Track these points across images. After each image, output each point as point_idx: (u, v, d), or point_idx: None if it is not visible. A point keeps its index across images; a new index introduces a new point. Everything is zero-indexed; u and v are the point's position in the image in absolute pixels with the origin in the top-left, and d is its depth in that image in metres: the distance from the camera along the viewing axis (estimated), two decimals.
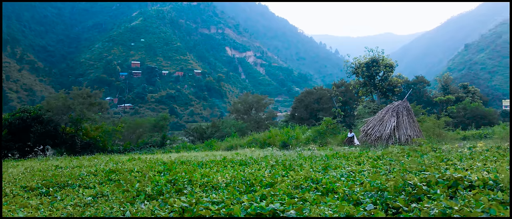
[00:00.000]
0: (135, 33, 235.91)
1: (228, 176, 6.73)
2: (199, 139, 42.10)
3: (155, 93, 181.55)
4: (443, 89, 64.07)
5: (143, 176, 8.32)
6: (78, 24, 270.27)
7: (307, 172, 6.34)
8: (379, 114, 17.70)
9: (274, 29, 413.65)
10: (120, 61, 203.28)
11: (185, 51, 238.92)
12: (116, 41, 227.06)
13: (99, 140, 33.86)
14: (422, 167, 6.18)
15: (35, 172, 10.57)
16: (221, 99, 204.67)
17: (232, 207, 3.78)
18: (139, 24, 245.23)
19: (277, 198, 4.60)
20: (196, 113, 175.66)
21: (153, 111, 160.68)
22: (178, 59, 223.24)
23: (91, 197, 5.75)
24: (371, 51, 35.88)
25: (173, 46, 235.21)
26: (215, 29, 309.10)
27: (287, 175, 7.06)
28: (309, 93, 53.62)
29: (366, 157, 10.77)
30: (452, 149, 12.82)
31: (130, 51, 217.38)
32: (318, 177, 5.96)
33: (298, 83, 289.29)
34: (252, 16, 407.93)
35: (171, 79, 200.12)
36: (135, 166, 10.82)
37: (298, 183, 5.61)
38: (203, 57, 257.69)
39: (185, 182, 6.39)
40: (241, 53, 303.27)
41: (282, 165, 8.74)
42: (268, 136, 26.36)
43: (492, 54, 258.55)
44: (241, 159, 11.37)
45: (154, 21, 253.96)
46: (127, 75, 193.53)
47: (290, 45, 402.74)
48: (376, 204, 4.07)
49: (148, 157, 16.59)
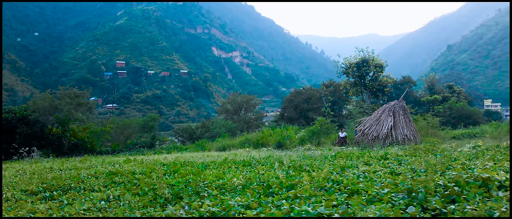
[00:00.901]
0: (120, 32, 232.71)
1: (242, 177, 6.54)
2: (188, 139, 41.71)
3: (140, 94, 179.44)
4: (429, 90, 65.02)
5: (149, 178, 8.06)
6: (60, 23, 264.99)
7: (327, 173, 6.20)
8: (376, 113, 17.75)
9: (261, 29, 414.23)
10: (105, 61, 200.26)
11: (171, 51, 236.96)
12: (100, 40, 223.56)
13: (87, 141, 33.17)
14: (448, 167, 6.12)
15: (31, 175, 10.18)
16: (208, 99, 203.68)
17: (273, 211, 3.62)
18: (124, 24, 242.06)
19: (303, 200, 4.45)
20: (182, 113, 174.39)
21: (139, 111, 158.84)
22: (164, 59, 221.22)
23: (103, 201, 5.49)
24: (361, 51, 36.13)
25: (159, 46, 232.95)
26: (201, 29, 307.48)
27: (299, 176, 6.92)
28: (299, 93, 53.69)
29: (369, 157, 10.72)
30: (451, 148, 12.90)
31: (115, 51, 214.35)
32: (337, 178, 5.83)
33: (284, 84, 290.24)
34: (239, 16, 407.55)
35: (157, 80, 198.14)
36: (135, 167, 10.53)
37: (321, 184, 5.47)
38: (189, 57, 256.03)
39: (199, 184, 6.19)
40: (228, 53, 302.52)
41: (291, 166, 8.59)
42: (261, 136, 26.21)
43: (474, 55, 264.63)
44: (243, 160, 11.18)
45: (139, 20, 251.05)
46: (112, 75, 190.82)
47: (276, 46, 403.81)
48: (410, 206, 3.96)
49: (143, 158, 16.24)
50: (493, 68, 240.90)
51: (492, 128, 25.30)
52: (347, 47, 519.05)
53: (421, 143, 15.46)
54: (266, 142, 25.39)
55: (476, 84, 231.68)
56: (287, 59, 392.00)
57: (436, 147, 12.82)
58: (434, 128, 20.77)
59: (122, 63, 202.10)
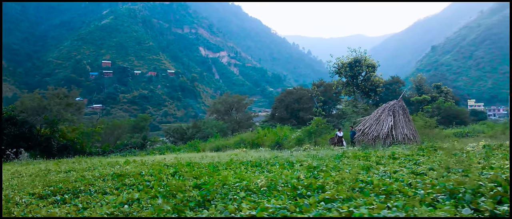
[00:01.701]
0: (105, 31, 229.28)
1: (264, 179, 6.35)
2: (180, 139, 41.25)
3: (127, 94, 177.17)
4: (417, 90, 65.85)
5: (160, 180, 7.80)
6: (44, 21, 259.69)
7: (355, 173, 6.06)
8: (375, 113, 17.77)
9: (248, 30, 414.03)
10: (90, 61, 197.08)
11: (158, 51, 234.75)
12: (85, 40, 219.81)
13: (76, 142, 32.48)
14: (486, 166, 6.04)
15: (31, 177, 9.78)
16: (195, 99, 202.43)
17: (330, 215, 3.45)
18: (110, 23, 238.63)
19: (343, 202, 4.30)
20: (170, 113, 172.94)
21: (126, 111, 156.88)
22: (151, 59, 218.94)
23: (126, 205, 5.23)
24: (353, 51, 36.27)
25: (145, 45, 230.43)
26: (189, 29, 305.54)
27: (317, 177, 6.77)
28: (289, 93, 53.71)
29: (377, 157, 10.65)
30: (453, 148, 12.93)
31: (101, 50, 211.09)
32: (365, 179, 5.70)
33: (272, 84, 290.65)
34: (226, 16, 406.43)
35: (144, 80, 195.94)
36: (139, 169, 10.22)
37: (353, 185, 5.32)
38: (177, 57, 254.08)
39: (221, 186, 5.96)
40: (215, 53, 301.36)
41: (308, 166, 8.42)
42: (256, 136, 26.05)
43: (457, 56, 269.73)
44: (250, 160, 10.98)
45: (125, 20, 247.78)
46: (98, 75, 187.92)
47: (263, 46, 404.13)
48: (458, 207, 3.85)
49: (142, 159, 15.88)
50: (476, 69, 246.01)
51: (488, 128, 25.66)
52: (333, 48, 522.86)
53: (422, 143, 15.51)
54: (261, 142, 25.24)
55: (460, 85, 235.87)
56: (274, 59, 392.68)
57: (439, 147, 12.86)
58: (431, 127, 20.94)
59: (108, 63, 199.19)
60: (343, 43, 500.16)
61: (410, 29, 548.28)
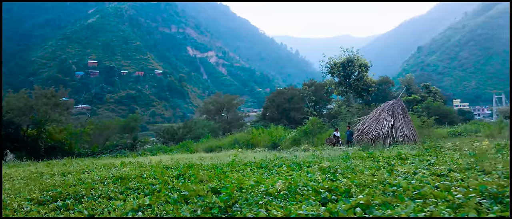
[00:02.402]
0: (91, 31, 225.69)
1: (281, 182, 6.01)
2: (171, 140, 40.65)
3: (114, 94, 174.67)
4: (406, 90, 66.33)
5: (165, 183, 7.40)
6: (28, 20, 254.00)
7: (381, 176, 5.78)
8: (374, 112, 17.61)
9: (236, 30, 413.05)
10: (76, 60, 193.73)
11: (145, 51, 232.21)
12: (71, 39, 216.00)
13: (65, 143, 31.65)
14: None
15: (25, 181, 9.25)
16: (183, 99, 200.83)
17: None
18: (96, 22, 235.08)
19: (380, 207, 4.00)
20: (157, 114, 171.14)
21: (113, 111, 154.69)
22: (138, 59, 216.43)
23: (140, 212, 4.83)
24: (346, 51, 36.21)
25: (132, 45, 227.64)
26: (176, 28, 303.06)
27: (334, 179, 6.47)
28: (280, 93, 53.42)
29: (382, 157, 10.43)
30: (456, 147, 12.81)
31: (87, 50, 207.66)
32: (391, 182, 5.41)
33: (260, 84, 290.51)
34: (214, 16, 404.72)
35: (131, 79, 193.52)
36: (139, 171, 9.78)
37: (384, 189, 5.03)
38: (164, 57, 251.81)
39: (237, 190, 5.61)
40: (203, 53, 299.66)
41: (314, 168, 8.11)
42: (251, 137, 25.70)
43: (442, 57, 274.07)
44: (255, 161, 10.62)
45: (112, 19, 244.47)
46: (84, 75, 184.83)
47: (251, 46, 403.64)
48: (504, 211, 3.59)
49: (139, 160, 15.38)
50: (461, 69, 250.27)
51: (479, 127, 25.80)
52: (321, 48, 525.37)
53: (424, 142, 15.38)
54: (256, 142, 24.90)
55: (445, 85, 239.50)
56: (262, 59, 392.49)
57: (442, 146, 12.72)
58: (429, 127, 20.93)
59: (94, 63, 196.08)
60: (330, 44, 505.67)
61: (396, 30, 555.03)
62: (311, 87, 52.28)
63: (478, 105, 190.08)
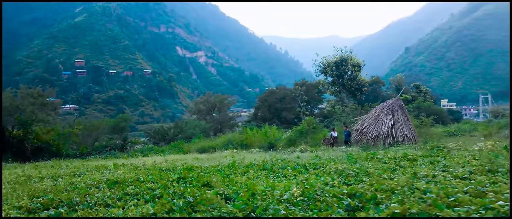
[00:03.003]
0: (78, 30, 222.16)
1: (296, 187, 5.56)
2: (161, 140, 39.90)
3: (102, 94, 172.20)
4: (396, 89, 66.59)
5: (165, 188, 6.89)
6: (13, 18, 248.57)
7: (404, 180, 5.36)
8: (373, 112, 17.29)
9: (225, 29, 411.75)
10: (63, 60, 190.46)
11: (134, 50, 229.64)
12: (57, 38, 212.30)
13: (52, 144, 30.68)
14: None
15: (12, 185, 8.61)
16: (173, 99, 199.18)
17: None
18: (83, 21, 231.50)
19: None
20: (146, 114, 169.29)
21: (101, 111, 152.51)
22: (127, 58, 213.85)
23: None
24: (339, 50, 35.96)
25: (120, 44, 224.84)
26: (165, 28, 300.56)
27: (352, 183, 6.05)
28: (272, 93, 53.07)
29: (388, 158, 10.07)
30: (460, 147, 12.55)
31: (74, 49, 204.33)
32: (419, 187, 5.00)
33: (250, 84, 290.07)
34: (203, 16, 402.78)
35: (120, 79, 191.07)
36: (136, 174, 9.22)
37: (414, 195, 4.61)
38: (153, 56, 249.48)
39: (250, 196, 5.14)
40: (192, 53, 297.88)
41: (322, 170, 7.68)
42: (245, 137, 25.22)
43: (430, 57, 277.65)
44: (257, 163, 10.15)
45: (99, 18, 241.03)
46: (71, 75, 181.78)
47: (241, 46, 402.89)
48: None
49: (132, 161, 14.78)
50: (447, 70, 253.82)
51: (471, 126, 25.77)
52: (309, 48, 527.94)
53: (426, 142, 15.10)
54: (250, 142, 24.44)
55: (432, 85, 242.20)
56: (252, 59, 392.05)
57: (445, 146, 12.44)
58: (427, 126, 20.74)
59: (82, 62, 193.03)
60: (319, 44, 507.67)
61: (384, 31, 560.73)
62: (303, 87, 52.04)
63: (465, 105, 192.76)
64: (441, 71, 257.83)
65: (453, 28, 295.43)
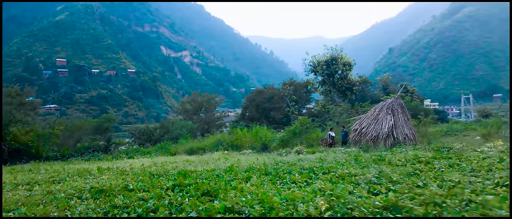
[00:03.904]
0: (60, 28, 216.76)
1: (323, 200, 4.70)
2: (147, 141, 38.56)
3: (84, 94, 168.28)
4: (383, 89, 66.61)
5: (160, 198, 5.96)
6: None
7: (450, 189, 4.58)
8: (372, 111, 16.62)
9: (211, 29, 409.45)
10: (43, 59, 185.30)
11: (117, 50, 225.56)
12: (37, 36, 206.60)
13: (31, 146, 29.07)
14: None
15: None
16: (157, 99, 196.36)
17: None
18: (65, 19, 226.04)
19: None
20: (130, 114, 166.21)
21: (83, 112, 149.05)
22: (110, 58, 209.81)
23: None
24: (330, 49, 35.35)
25: (103, 43, 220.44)
26: (149, 27, 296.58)
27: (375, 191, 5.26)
28: (260, 93, 52.26)
29: (398, 160, 9.35)
30: (468, 148, 11.95)
31: (55, 48, 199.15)
32: (474, 199, 4.22)
33: (235, 84, 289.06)
34: (188, 15, 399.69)
35: (102, 79, 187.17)
36: (123, 180, 8.23)
37: (457, 206, 3.84)
38: (137, 56, 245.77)
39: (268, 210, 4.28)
40: (177, 53, 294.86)
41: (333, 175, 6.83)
42: (236, 137, 24.27)
43: (412, 58, 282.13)
44: (258, 167, 9.26)
45: (82, 16, 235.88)
46: (52, 74, 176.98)
47: (226, 46, 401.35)
48: None
49: (118, 165, 13.68)
50: (430, 71, 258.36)
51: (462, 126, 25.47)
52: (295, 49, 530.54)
53: (429, 143, 14.49)
54: (241, 143, 23.52)
55: (415, 85, 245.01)
56: (237, 59, 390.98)
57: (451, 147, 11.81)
58: (425, 126, 20.23)
59: (63, 61, 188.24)
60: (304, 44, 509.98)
61: (368, 32, 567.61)
62: (291, 86, 51.44)
63: (447, 105, 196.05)
64: (424, 71, 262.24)
65: (435, 30, 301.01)
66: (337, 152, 13.58)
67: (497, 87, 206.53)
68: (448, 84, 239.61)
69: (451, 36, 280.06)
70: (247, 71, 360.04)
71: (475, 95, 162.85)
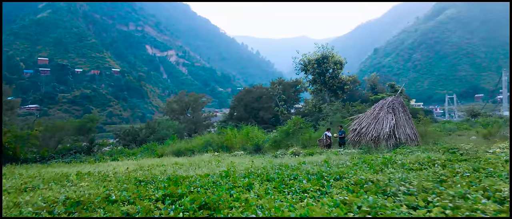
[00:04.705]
0: (42, 27, 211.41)
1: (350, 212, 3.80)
2: (132, 142, 37.18)
3: (67, 93, 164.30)
4: (371, 89, 66.52)
5: (148, 212, 4.96)
6: None
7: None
8: (372, 110, 15.83)
9: (197, 29, 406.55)
10: (24, 58, 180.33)
11: (102, 49, 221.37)
12: (18, 35, 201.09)
13: (8, 147, 27.45)
14: None
15: None
16: (142, 99, 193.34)
17: None
18: (47, 17, 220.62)
19: None
20: (115, 114, 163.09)
21: (66, 112, 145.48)
22: (94, 57, 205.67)
23: None
24: (321, 47, 34.60)
25: (87, 42, 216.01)
26: (134, 26, 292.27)
27: (414, 205, 4.37)
28: (248, 92, 51.30)
29: (410, 163, 8.53)
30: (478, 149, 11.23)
31: (37, 47, 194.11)
32: None
33: (221, 84, 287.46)
34: (174, 15, 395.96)
35: (86, 78, 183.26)
36: (105, 188, 7.16)
37: None
38: (122, 55, 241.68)
39: None
40: (163, 52, 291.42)
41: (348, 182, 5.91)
42: (226, 138, 23.24)
43: (397, 58, 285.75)
44: (258, 172, 8.28)
45: (64, 14, 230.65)
46: (33, 73, 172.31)
47: (212, 45, 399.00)
48: None
49: (100, 168, 12.52)
50: (414, 71, 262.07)
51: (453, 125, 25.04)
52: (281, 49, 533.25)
53: (436, 143, 13.76)
54: (231, 144, 22.52)
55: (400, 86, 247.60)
56: (223, 59, 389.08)
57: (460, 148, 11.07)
58: (425, 125, 19.61)
59: (45, 60, 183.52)
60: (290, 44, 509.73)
61: (353, 33, 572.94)
62: (280, 86, 50.66)
63: (431, 105, 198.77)
64: (408, 72, 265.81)
65: (419, 31, 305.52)
66: (338, 154, 12.72)
67: (478, 88, 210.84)
68: (432, 84, 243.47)
69: (434, 37, 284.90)
70: (233, 71, 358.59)
71: (458, 95, 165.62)
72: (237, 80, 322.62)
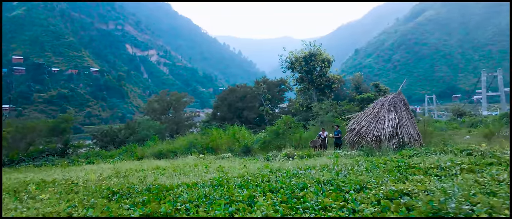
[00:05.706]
0: (16, 24, 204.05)
1: None
2: (110, 143, 35.24)
3: (43, 93, 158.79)
4: (355, 88, 66.06)
5: None
6: None
7: None
8: (372, 109, 14.73)
9: (178, 28, 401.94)
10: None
11: (80, 47, 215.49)
12: None
13: None
14: None
15: None
16: (122, 99, 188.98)
17: None
18: (22, 14, 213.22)
19: None
20: (94, 114, 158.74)
21: (42, 112, 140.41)
22: (72, 56, 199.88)
23: None
24: (308, 44, 33.53)
25: (65, 41, 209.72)
26: (114, 25, 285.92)
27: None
28: (232, 91, 49.90)
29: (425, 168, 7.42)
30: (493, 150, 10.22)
31: (11, 45, 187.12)
32: None
33: (203, 84, 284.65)
34: (155, 14, 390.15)
35: (63, 78, 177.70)
36: (69, 204, 5.70)
37: None
38: (101, 54, 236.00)
39: None
40: (143, 52, 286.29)
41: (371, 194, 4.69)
42: (210, 139, 21.80)
43: (377, 59, 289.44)
44: (256, 180, 6.96)
45: (41, 12, 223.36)
46: (7, 72, 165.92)
47: (194, 45, 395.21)
48: None
49: (70, 174, 10.94)
50: (394, 71, 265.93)
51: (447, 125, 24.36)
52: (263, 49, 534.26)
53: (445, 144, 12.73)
54: (216, 145, 21.11)
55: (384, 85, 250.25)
56: (205, 59, 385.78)
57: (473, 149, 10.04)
58: (426, 125, 18.71)
59: (20, 59, 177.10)
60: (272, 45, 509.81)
61: (335, 33, 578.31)
62: (264, 85, 49.49)
63: (411, 105, 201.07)
64: (388, 72, 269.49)
65: (398, 32, 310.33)
66: (340, 156, 11.53)
67: (456, 88, 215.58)
68: (411, 84, 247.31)
69: (414, 39, 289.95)
70: (215, 71, 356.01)
71: (436, 96, 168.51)
72: (219, 80, 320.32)
